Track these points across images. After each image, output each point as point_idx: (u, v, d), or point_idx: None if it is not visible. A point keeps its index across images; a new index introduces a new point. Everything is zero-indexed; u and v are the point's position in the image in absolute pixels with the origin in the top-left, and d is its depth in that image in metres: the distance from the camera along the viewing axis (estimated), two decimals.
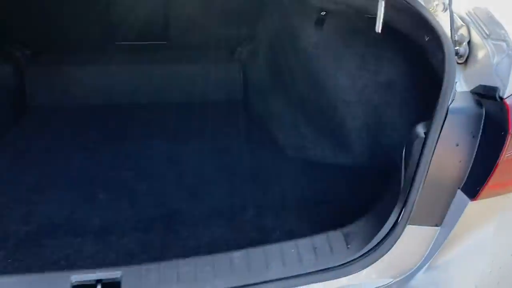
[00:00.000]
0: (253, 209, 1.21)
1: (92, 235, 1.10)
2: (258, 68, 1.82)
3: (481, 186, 0.80)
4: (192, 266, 0.84)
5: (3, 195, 1.24)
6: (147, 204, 1.24)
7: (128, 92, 1.77)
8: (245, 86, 1.86)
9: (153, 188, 1.31)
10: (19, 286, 0.82)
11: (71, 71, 1.77)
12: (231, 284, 0.82)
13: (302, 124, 1.55)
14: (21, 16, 1.68)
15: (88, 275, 0.81)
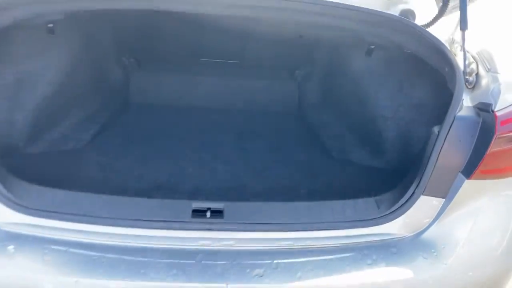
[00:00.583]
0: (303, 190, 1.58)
1: (185, 195, 1.50)
2: (312, 87, 2.25)
3: (475, 169, 1.17)
4: (271, 206, 1.24)
5: (122, 163, 1.67)
6: (224, 178, 1.64)
7: (207, 98, 2.23)
8: (300, 101, 2.28)
9: (227, 168, 1.71)
10: (150, 208, 1.22)
11: (165, 78, 2.25)
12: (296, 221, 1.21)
13: (346, 132, 1.93)
14: (131, 33, 2.16)
15: (202, 203, 1.21)
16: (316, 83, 2.21)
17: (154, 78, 2.24)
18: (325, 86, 2.11)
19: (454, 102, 1.18)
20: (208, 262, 1.11)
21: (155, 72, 2.27)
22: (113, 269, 1.07)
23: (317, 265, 1.13)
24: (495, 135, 1.14)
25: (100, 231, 1.13)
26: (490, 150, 1.15)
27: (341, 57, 1.93)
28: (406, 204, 1.22)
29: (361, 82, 1.84)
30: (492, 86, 1.23)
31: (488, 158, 1.16)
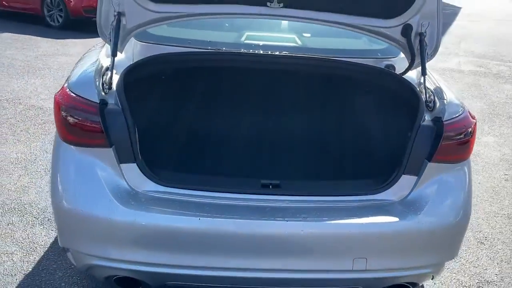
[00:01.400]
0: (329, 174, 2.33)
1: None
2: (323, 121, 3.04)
3: (433, 156, 1.93)
4: (308, 182, 2.00)
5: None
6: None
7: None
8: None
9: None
10: (224, 184, 1.96)
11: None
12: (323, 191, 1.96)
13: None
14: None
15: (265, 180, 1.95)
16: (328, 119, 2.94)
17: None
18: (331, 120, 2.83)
19: (419, 117, 1.96)
20: (267, 213, 1.84)
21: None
22: (219, 212, 1.80)
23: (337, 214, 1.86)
24: (443, 135, 1.91)
25: (210, 195, 1.87)
26: (441, 144, 1.92)
27: (346, 98, 2.71)
28: (393, 181, 1.96)
29: (363, 122, 2.62)
30: (442, 107, 2.01)
31: (440, 149, 1.93)
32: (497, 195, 3.87)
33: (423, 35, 2.14)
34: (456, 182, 1.99)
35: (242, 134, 2.60)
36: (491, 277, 2.82)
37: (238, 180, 2.03)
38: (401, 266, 1.90)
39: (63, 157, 1.92)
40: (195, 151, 2.50)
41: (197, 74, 2.45)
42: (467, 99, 6.79)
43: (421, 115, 1.97)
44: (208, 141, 2.59)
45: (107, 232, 1.80)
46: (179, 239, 1.79)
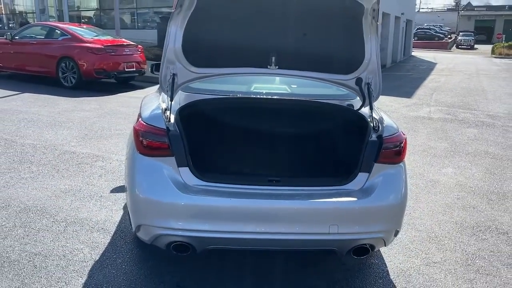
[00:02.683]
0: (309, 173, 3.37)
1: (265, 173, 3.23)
2: (305, 146, 4.14)
3: (377, 159, 2.99)
4: (294, 179, 3.04)
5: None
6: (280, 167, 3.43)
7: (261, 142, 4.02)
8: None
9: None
10: (245, 180, 2.99)
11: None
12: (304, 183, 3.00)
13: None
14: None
15: (271, 178, 2.99)
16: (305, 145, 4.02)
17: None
18: (313, 139, 3.91)
19: (367, 135, 3.04)
20: (272, 197, 2.86)
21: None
22: (243, 196, 2.82)
23: (318, 197, 2.89)
24: (382, 146, 2.99)
25: (237, 186, 2.89)
26: (382, 152, 2.99)
27: (321, 125, 3.80)
28: (354, 176, 3.01)
29: (332, 135, 3.72)
30: (382, 129, 3.10)
31: (381, 155, 2.99)
32: (449, 209, 4.90)
33: (370, 84, 3.27)
34: (394, 176, 3.04)
35: (255, 148, 3.69)
36: (437, 259, 3.80)
37: (254, 177, 3.07)
38: (361, 231, 2.90)
39: (140, 163, 2.94)
40: (226, 159, 3.56)
41: (224, 111, 3.56)
42: (433, 141, 7.95)
43: (369, 134, 3.04)
44: (234, 153, 3.66)
45: (170, 210, 2.79)
46: (216, 213, 2.79)
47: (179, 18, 3.01)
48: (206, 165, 3.15)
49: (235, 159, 3.59)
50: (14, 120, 7.94)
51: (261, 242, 2.89)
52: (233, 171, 3.25)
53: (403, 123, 9.37)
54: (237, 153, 3.68)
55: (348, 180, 3.00)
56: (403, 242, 4.05)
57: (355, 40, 3.15)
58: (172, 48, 3.08)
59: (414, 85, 16.63)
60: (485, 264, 3.74)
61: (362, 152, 3.01)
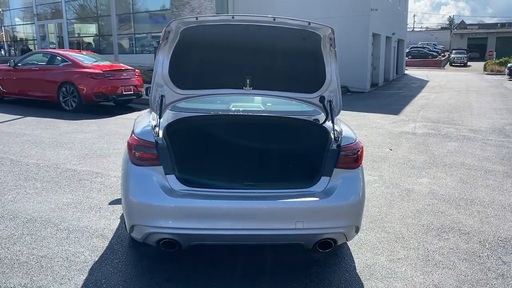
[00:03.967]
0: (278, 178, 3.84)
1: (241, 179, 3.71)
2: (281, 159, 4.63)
3: (336, 164, 3.48)
4: (265, 184, 3.52)
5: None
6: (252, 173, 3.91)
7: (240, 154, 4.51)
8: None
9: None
10: (223, 185, 3.47)
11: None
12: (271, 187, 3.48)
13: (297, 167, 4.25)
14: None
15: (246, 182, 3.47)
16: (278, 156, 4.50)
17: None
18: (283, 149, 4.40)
19: (328, 145, 3.54)
20: (247, 198, 3.34)
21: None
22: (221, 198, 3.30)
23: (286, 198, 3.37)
24: (340, 154, 3.48)
25: (217, 190, 3.37)
26: (340, 158, 3.48)
27: (290, 137, 4.29)
28: (317, 180, 3.49)
29: (299, 146, 4.21)
30: (342, 139, 3.60)
31: (340, 161, 3.48)
32: (419, 214, 5.37)
33: (331, 101, 3.79)
34: (352, 179, 3.52)
35: (232, 157, 4.19)
36: (400, 256, 4.25)
37: (231, 182, 3.56)
38: (323, 226, 3.37)
39: (133, 172, 3.43)
40: (208, 167, 4.04)
41: (205, 126, 4.09)
42: (413, 154, 8.44)
43: (330, 144, 3.54)
44: (214, 162, 4.16)
45: (159, 212, 3.26)
46: (198, 213, 3.26)
47: (166, 48, 3.55)
48: (190, 172, 3.63)
49: (215, 167, 4.08)
50: (18, 142, 8.44)
51: (238, 237, 3.36)
52: (213, 177, 3.73)
53: (387, 138, 9.88)
54: (217, 162, 4.18)
55: (313, 183, 3.48)
56: (372, 242, 4.51)
57: (317, 64, 3.68)
58: (160, 74, 3.61)
59: (403, 102, 17.20)
60: (443, 259, 4.19)
61: (324, 159, 3.49)
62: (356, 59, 20.35)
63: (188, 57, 3.62)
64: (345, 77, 17.87)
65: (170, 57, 3.57)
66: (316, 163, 3.62)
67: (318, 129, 3.88)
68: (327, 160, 3.47)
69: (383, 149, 8.76)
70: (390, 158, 8.06)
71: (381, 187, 6.36)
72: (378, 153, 8.43)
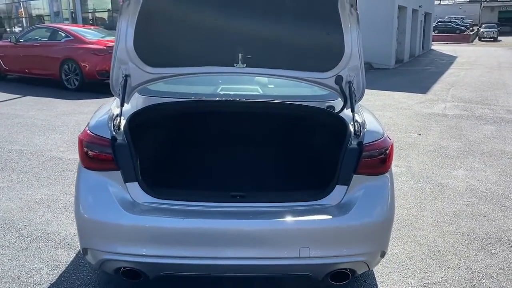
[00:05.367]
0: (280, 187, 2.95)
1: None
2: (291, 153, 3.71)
3: (356, 170, 2.57)
4: (263, 194, 2.64)
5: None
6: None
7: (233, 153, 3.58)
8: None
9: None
10: (202, 196, 2.61)
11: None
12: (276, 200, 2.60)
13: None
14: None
15: (234, 193, 2.60)
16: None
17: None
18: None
19: (346, 143, 2.63)
20: (234, 216, 2.48)
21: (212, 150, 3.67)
22: (198, 216, 2.45)
23: (287, 215, 2.49)
24: (362, 154, 2.57)
25: (193, 204, 2.52)
26: (361, 161, 2.57)
27: (295, 131, 3.39)
28: (329, 190, 2.60)
29: (307, 143, 3.30)
30: (365, 134, 2.68)
31: (362, 165, 2.57)
32: (457, 218, 4.43)
33: (351, 83, 2.84)
34: (377, 189, 2.62)
35: (217, 160, 3.30)
36: (436, 279, 3.36)
37: (214, 193, 2.69)
38: (337, 254, 2.49)
39: (84, 179, 2.60)
40: (182, 172, 3.18)
41: (183, 116, 3.19)
42: (445, 139, 7.43)
43: (348, 141, 2.63)
44: (192, 165, 3.28)
45: (115, 233, 2.44)
46: (168, 236, 2.42)
47: (129, 12, 2.65)
48: (159, 179, 2.79)
49: (195, 172, 3.22)
50: (8, 125, 7.74)
51: (221, 268, 2.52)
52: (191, 186, 2.87)
53: (415, 121, 8.86)
54: (197, 165, 3.31)
55: (323, 194, 2.60)
56: (400, 258, 3.62)
57: (332, 32, 2.73)
58: (123, 47, 2.73)
59: (431, 80, 15.99)
60: (493, 285, 3.28)
61: (340, 161, 2.60)
62: (380, 33, 19.05)
63: (159, 24, 2.72)
64: (368, 52, 16.69)
65: (135, 24, 2.67)
66: (329, 167, 2.74)
67: (332, 120, 2.96)
68: (344, 162, 2.58)
69: (410, 134, 7.77)
70: (419, 145, 7.08)
71: (409, 181, 5.42)
72: (405, 138, 7.44)
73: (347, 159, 2.58)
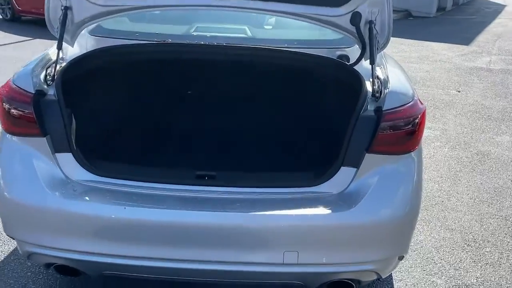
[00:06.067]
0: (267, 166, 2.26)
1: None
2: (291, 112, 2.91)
3: (371, 143, 1.84)
4: (242, 174, 1.95)
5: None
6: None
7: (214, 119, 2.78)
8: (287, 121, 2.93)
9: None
10: (156, 174, 1.94)
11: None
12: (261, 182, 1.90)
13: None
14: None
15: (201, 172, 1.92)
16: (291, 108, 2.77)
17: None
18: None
19: (358, 107, 1.88)
20: (197, 204, 1.82)
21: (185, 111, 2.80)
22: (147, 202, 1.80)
23: (270, 206, 1.81)
24: (380, 125, 1.83)
25: (143, 185, 1.87)
26: (378, 134, 1.83)
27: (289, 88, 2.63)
28: (331, 173, 1.89)
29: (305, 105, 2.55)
30: (388, 96, 1.92)
31: (379, 140, 1.84)
32: (498, 196, 3.67)
33: (373, 23, 2.05)
34: (399, 175, 1.89)
35: (182, 126, 2.60)
36: (470, 280, 2.67)
37: (172, 171, 2.01)
38: (336, 261, 1.82)
39: (5, 147, 1.97)
40: (133, 142, 2.50)
41: (138, 66, 2.46)
42: (489, 98, 6.52)
43: (362, 105, 1.89)
44: (146, 133, 2.59)
45: (41, 220, 1.83)
46: (108, 228, 1.79)
47: None
48: (102, 150, 2.14)
49: (150, 141, 2.54)
50: None
51: (180, 272, 1.89)
52: (144, 161, 2.21)
53: (455, 76, 7.88)
54: (154, 132, 2.62)
55: (323, 178, 1.90)
56: (425, 248, 2.93)
57: None
58: None
59: (476, 30, 14.57)
60: None
61: (347, 134, 1.87)
62: None
63: None
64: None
65: None
66: (333, 141, 2.01)
67: (343, 75, 2.20)
68: (354, 135, 1.86)
69: (448, 91, 6.86)
70: (458, 104, 6.20)
71: (443, 147, 4.63)
72: (441, 96, 6.56)
73: (359, 131, 1.86)
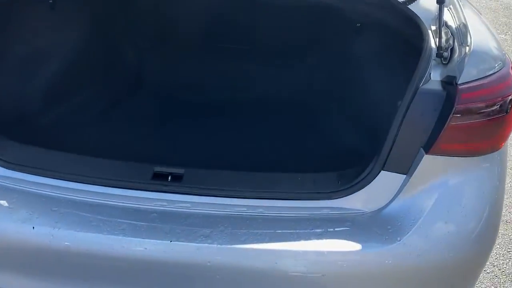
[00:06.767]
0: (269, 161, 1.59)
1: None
2: (318, 75, 2.16)
3: (433, 143, 1.12)
4: (229, 175, 1.26)
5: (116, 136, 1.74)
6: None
7: (214, 79, 2.16)
8: (308, 87, 2.21)
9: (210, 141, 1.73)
10: (112, 168, 1.27)
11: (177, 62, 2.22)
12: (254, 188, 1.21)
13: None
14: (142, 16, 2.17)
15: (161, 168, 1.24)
16: (321, 72, 2.14)
17: (165, 62, 2.20)
18: (327, 73, 2.04)
19: (416, 74, 1.14)
20: (159, 221, 1.15)
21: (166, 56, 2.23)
22: (66, 219, 1.13)
23: (264, 232, 1.13)
24: (454, 108, 1.10)
25: (63, 186, 1.20)
26: (450, 124, 1.10)
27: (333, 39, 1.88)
28: (365, 180, 1.19)
29: (355, 68, 1.80)
30: (463, 59, 1.17)
31: (448, 132, 1.11)
32: None
33: None
34: (472, 189, 1.18)
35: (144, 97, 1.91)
36: None
37: (119, 164, 1.31)
38: None
39: None
40: (59, 116, 1.76)
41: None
42: None
43: (422, 70, 1.15)
44: (81, 103, 1.86)
45: None
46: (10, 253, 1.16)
47: None
48: (11, 128, 1.44)
49: (86, 118, 1.81)
50: None
51: None
52: (76, 148, 1.48)
53: (502, 17, 6.79)
54: (92, 104, 1.89)
55: (350, 186, 1.19)
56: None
57: None
58: None
59: None
60: None
61: (396, 119, 1.15)
62: None
63: None
64: None
65: None
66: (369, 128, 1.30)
67: (395, 23, 1.41)
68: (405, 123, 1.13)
69: None
70: None
71: None
72: None
73: (414, 116, 1.13)
